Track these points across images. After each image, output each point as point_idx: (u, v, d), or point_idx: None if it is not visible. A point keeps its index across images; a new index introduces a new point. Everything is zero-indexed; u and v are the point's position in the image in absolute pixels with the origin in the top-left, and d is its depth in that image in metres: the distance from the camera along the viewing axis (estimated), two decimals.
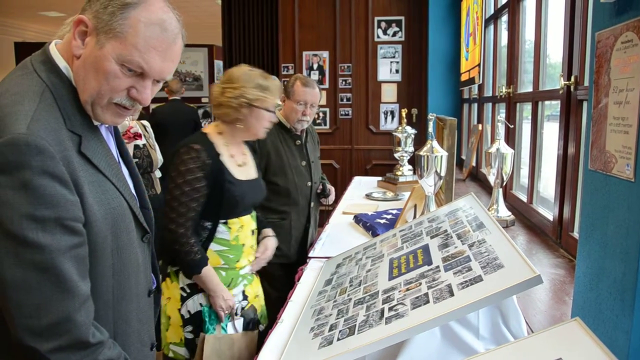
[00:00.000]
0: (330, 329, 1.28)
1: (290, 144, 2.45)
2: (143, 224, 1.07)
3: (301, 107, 2.40)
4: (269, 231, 2.03)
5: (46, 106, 0.88)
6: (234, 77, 1.72)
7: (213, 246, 1.75)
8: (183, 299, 1.76)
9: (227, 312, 1.76)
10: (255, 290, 1.94)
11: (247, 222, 1.83)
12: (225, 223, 1.76)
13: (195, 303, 1.76)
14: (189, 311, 1.76)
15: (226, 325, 1.79)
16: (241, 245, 1.81)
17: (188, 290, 1.76)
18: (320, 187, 2.58)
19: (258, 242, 1.97)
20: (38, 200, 0.82)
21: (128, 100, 0.95)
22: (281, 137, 2.43)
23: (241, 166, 1.82)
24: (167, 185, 1.72)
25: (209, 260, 1.73)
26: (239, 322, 1.81)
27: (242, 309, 1.84)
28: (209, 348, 1.69)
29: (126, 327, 1.05)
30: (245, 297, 1.87)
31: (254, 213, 1.89)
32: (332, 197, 2.66)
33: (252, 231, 1.86)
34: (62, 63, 0.93)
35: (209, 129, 1.79)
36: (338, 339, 1.20)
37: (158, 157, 3.38)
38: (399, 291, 1.29)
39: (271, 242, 2.00)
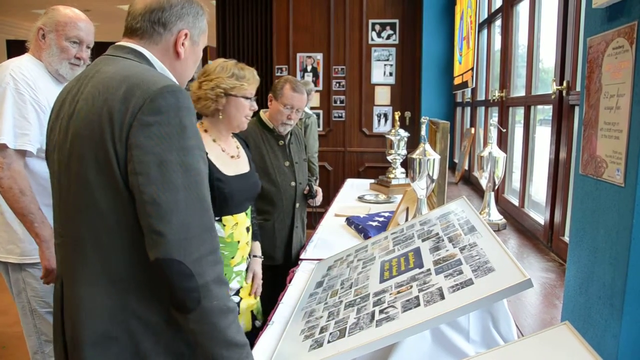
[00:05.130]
0: (321, 331, 1.28)
1: (273, 145, 2.45)
2: None
3: (287, 110, 2.40)
4: (255, 248, 2.04)
5: None
6: (209, 70, 1.75)
7: None
8: None
9: None
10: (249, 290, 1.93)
11: (242, 220, 1.83)
12: (220, 220, 1.76)
13: None
14: None
15: None
16: (236, 243, 1.81)
17: None
18: (307, 188, 2.57)
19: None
20: (188, 133, 1.01)
21: None
22: (264, 137, 2.44)
23: (234, 158, 1.84)
24: None
25: None
26: None
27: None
28: None
29: None
30: (237, 293, 1.87)
31: (249, 210, 1.89)
32: (319, 198, 2.66)
33: (247, 228, 1.86)
34: (146, 52, 1.15)
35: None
36: (328, 342, 1.20)
37: None
38: (390, 294, 1.28)
39: (257, 267, 2.01)
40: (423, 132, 2.25)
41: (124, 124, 0.99)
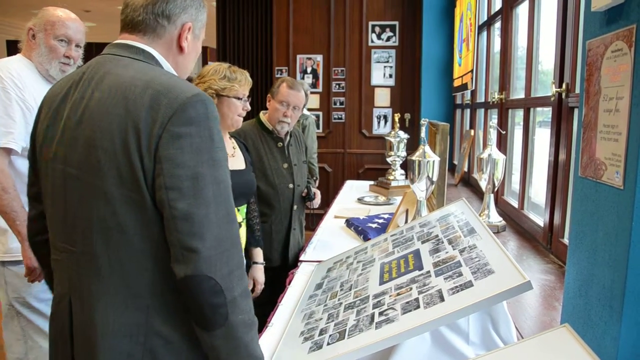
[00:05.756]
0: (320, 333, 1.28)
1: (271, 146, 2.46)
2: None
3: (283, 107, 2.41)
4: (256, 254, 2.04)
5: None
6: (203, 72, 1.83)
7: None
8: None
9: None
10: None
11: None
12: None
13: None
14: None
15: None
16: None
17: None
18: (305, 190, 2.58)
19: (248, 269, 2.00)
20: (217, 144, 0.98)
21: None
22: (262, 139, 2.44)
23: (228, 156, 1.85)
24: None
25: None
26: None
27: None
28: None
29: None
30: None
31: (243, 207, 1.89)
32: (317, 201, 2.66)
33: (239, 224, 1.87)
34: (154, 52, 1.11)
35: None
36: (328, 344, 1.19)
37: None
38: (390, 296, 1.28)
39: (258, 273, 2.05)
40: (423, 134, 2.25)
41: (152, 136, 0.93)
